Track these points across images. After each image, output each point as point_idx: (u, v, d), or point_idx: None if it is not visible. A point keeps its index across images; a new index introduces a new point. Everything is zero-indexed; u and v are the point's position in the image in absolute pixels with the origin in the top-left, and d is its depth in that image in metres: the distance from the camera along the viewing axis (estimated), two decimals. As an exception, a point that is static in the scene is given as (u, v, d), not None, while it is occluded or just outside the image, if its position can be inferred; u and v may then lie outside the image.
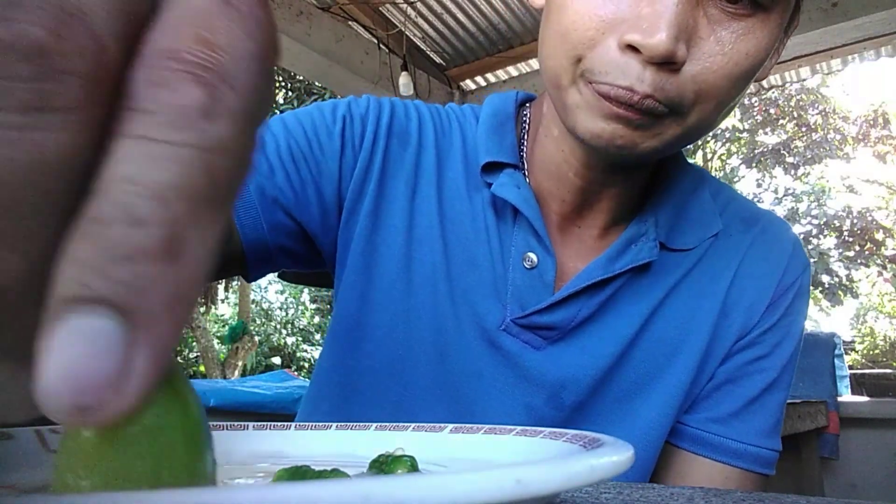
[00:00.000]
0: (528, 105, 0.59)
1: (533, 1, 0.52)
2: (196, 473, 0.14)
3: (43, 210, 0.12)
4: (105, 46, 0.12)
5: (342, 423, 0.35)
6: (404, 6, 2.79)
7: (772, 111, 11.55)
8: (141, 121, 0.12)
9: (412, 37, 3.01)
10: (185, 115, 0.12)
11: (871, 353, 11.96)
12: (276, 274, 0.64)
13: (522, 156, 0.56)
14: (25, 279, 0.12)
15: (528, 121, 0.58)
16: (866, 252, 10.86)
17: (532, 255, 0.52)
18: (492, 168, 0.54)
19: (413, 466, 0.26)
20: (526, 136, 0.57)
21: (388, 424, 0.34)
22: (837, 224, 11.06)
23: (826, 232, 11.19)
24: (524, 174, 0.55)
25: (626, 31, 0.42)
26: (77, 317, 0.11)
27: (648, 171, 0.54)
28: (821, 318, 11.70)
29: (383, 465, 0.26)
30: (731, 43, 0.43)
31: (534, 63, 3.17)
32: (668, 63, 0.42)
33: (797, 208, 11.58)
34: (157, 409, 0.13)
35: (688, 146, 0.51)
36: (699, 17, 0.42)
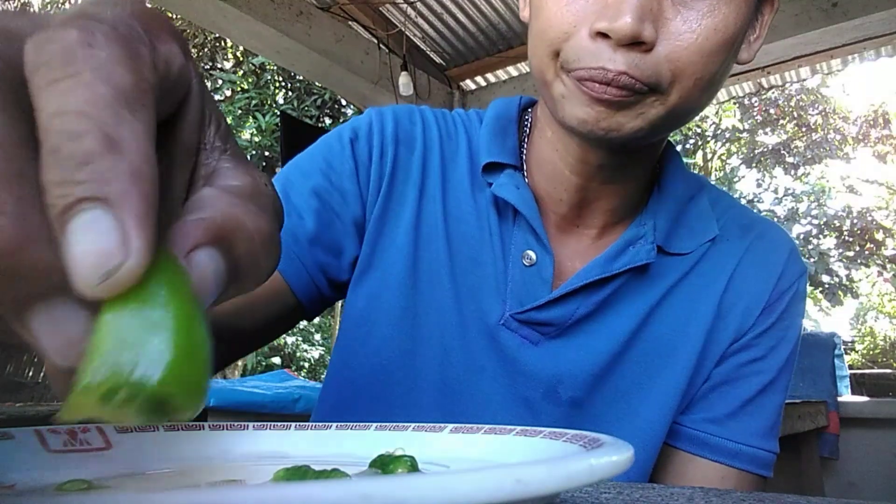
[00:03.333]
0: (531, 109, 0.61)
1: (522, 15, 0.55)
2: (184, 358, 0.17)
3: (6, 175, 0.16)
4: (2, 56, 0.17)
5: (342, 423, 0.35)
6: (404, 6, 2.79)
7: (772, 111, 11.55)
8: (41, 73, 0.16)
9: (412, 37, 3.01)
10: (69, 51, 0.16)
11: (871, 353, 11.95)
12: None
13: (523, 157, 0.57)
14: (14, 231, 0.15)
15: (529, 124, 0.59)
16: (866, 252, 10.86)
17: (531, 253, 0.53)
18: (493, 168, 0.56)
19: (413, 466, 0.26)
20: (527, 139, 0.58)
21: (388, 424, 0.34)
22: (837, 224, 11.06)
23: (826, 232, 11.18)
24: (523, 175, 0.56)
25: (595, 21, 0.44)
26: (73, 219, 0.15)
27: (645, 171, 0.55)
28: (821, 318, 11.71)
29: (383, 465, 0.26)
30: (697, 20, 0.45)
31: (534, 63, 3.17)
32: (637, 44, 0.44)
33: (797, 208, 11.58)
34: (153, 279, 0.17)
35: (677, 129, 0.52)
36: (663, 0, 0.44)
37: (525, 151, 0.58)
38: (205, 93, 0.21)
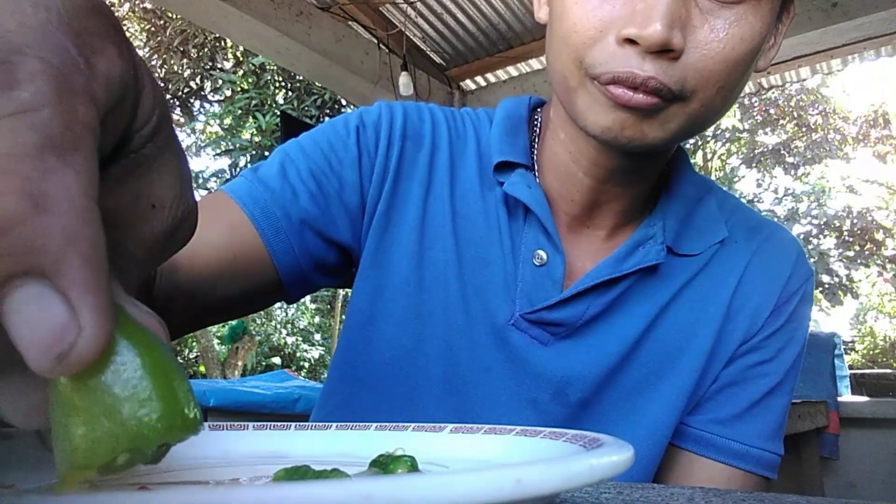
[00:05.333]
0: (540, 109, 0.61)
1: (538, 16, 0.54)
2: (172, 398, 0.16)
3: None
4: None
5: (342, 423, 0.35)
6: (404, 6, 2.79)
7: (772, 111, 11.54)
8: None
9: (412, 37, 3.01)
10: None
11: (871, 353, 11.95)
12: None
13: (534, 157, 0.57)
14: None
15: (539, 124, 0.59)
16: (866, 252, 10.85)
17: (542, 253, 0.53)
18: (504, 168, 0.55)
19: (413, 466, 0.26)
20: (538, 139, 0.58)
21: (388, 424, 0.34)
22: (837, 224, 11.05)
23: (826, 232, 11.18)
24: (535, 174, 0.56)
25: (623, 27, 0.44)
26: (9, 295, 0.13)
27: (656, 173, 0.55)
28: (821, 318, 11.70)
29: (383, 465, 0.26)
30: (724, 30, 0.44)
31: (534, 63, 3.17)
32: (665, 52, 0.43)
33: (797, 208, 11.57)
34: (114, 348, 0.15)
35: (693, 137, 0.51)
36: (691, 7, 0.44)
37: (536, 151, 0.58)
38: (156, 90, 0.19)
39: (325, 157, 0.55)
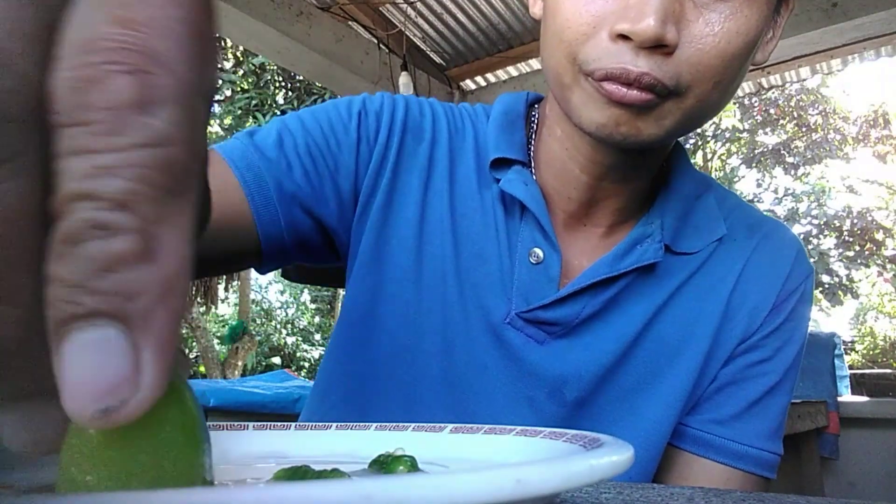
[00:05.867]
0: (538, 105, 0.61)
1: (533, 12, 0.54)
2: (196, 465, 0.15)
3: (21, 257, 0.12)
4: (32, 81, 0.12)
5: (342, 423, 0.35)
6: (404, 6, 2.79)
7: (772, 111, 11.55)
8: (79, 135, 0.12)
9: (412, 37, 3.01)
10: (121, 115, 0.12)
11: (871, 353, 11.94)
12: (279, 272, 0.65)
13: (531, 153, 0.57)
14: (25, 324, 0.12)
15: (536, 120, 0.59)
16: (866, 252, 10.85)
17: (538, 251, 0.53)
18: (501, 164, 0.55)
19: (413, 466, 0.26)
20: (535, 135, 0.58)
21: (388, 424, 0.34)
22: (837, 224, 11.06)
23: (826, 232, 11.18)
24: (532, 171, 0.56)
25: (616, 22, 0.43)
26: (79, 333, 0.12)
27: (654, 169, 0.55)
28: (821, 318, 11.69)
29: (383, 464, 0.26)
30: (719, 23, 0.44)
31: (534, 63, 3.17)
32: (659, 47, 0.43)
33: (797, 208, 11.57)
34: (156, 404, 0.13)
35: (690, 132, 0.51)
36: (685, 1, 0.44)
37: (533, 148, 0.57)
38: None
39: (324, 136, 0.54)
